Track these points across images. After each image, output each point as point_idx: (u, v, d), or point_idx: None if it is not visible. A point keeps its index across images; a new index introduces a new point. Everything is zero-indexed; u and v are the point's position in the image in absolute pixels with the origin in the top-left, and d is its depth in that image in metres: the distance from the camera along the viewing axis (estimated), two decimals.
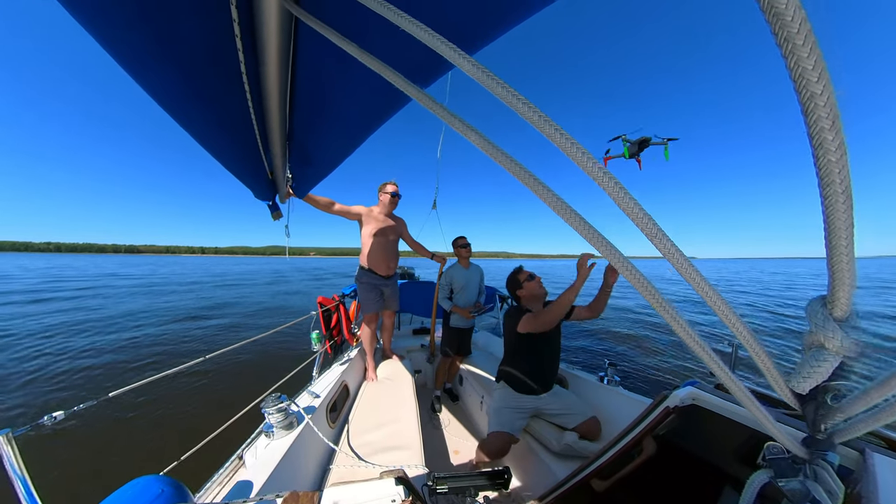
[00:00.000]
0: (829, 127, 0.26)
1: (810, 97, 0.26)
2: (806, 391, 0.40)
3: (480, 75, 0.38)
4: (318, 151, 1.34)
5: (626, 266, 0.36)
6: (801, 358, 0.39)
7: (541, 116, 0.36)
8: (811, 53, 0.25)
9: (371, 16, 0.45)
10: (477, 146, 0.42)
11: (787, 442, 0.46)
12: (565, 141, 0.36)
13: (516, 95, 0.37)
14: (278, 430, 1.30)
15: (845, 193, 0.28)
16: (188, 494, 0.68)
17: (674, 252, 0.35)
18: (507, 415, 1.74)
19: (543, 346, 1.81)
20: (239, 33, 0.68)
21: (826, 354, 0.36)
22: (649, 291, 0.37)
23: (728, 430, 0.92)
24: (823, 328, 0.35)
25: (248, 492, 1.01)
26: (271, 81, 0.81)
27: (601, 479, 1.19)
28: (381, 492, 0.75)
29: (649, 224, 0.35)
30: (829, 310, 0.35)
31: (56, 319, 9.07)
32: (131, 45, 0.64)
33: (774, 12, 0.25)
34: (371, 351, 2.45)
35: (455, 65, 0.40)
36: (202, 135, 0.96)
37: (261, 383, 1.89)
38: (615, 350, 6.87)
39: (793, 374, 0.40)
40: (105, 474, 2.61)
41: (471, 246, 2.69)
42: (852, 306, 0.34)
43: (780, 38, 0.25)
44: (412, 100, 0.48)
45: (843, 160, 0.27)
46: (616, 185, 0.35)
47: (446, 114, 0.44)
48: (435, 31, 0.41)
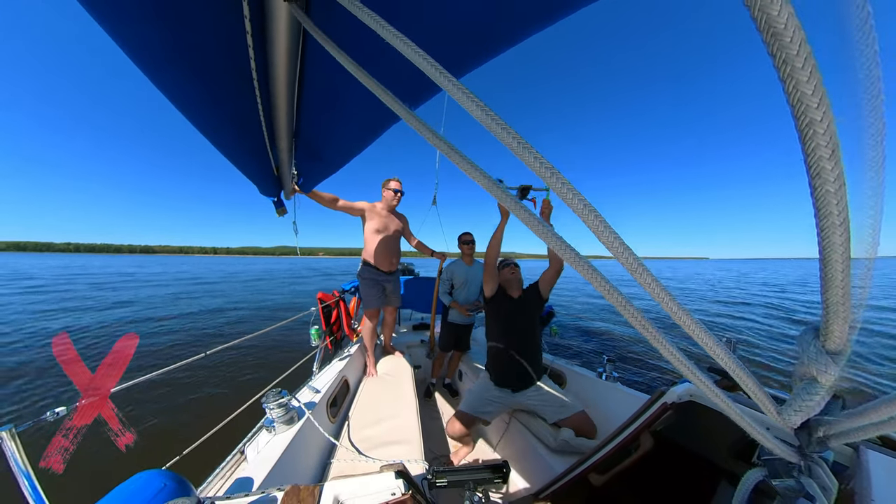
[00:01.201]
0: (829, 156, 0.25)
1: (809, 124, 0.24)
2: (797, 425, 0.39)
3: (464, 99, 0.39)
4: (328, 148, 1.35)
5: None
6: (793, 390, 0.38)
7: (520, 143, 0.36)
8: (811, 77, 0.24)
9: (372, 37, 0.46)
10: (461, 169, 0.43)
11: (780, 451, 0.46)
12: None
13: (496, 120, 0.37)
14: (279, 425, 1.31)
15: (843, 226, 0.27)
16: (190, 489, 0.68)
17: (647, 279, 0.35)
18: (477, 400, 1.85)
19: (514, 333, 1.85)
20: (250, 31, 0.69)
21: (818, 388, 0.35)
22: (617, 299, 0.36)
23: (725, 426, 0.93)
24: (816, 361, 0.34)
25: (250, 486, 1.02)
26: (280, 79, 0.83)
27: (599, 473, 1.20)
28: (381, 485, 0.75)
29: (607, 233, 0.35)
30: (821, 342, 0.33)
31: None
32: (146, 42, 0.65)
33: (772, 32, 0.23)
34: (371, 346, 2.46)
35: (443, 89, 0.40)
36: (210, 130, 0.97)
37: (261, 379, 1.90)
38: (613, 346, 6.91)
39: (784, 407, 0.39)
40: (108, 469, 2.64)
41: (475, 243, 2.66)
42: (847, 339, 0.32)
43: (778, 61, 0.24)
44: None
45: (841, 191, 0.26)
46: (604, 224, 0.35)
47: (431, 135, 0.45)
48: (428, 55, 0.41)
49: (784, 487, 0.48)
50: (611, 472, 1.19)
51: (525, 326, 1.85)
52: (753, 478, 0.55)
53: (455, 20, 0.78)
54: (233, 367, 5.13)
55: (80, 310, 10.60)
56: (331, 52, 0.56)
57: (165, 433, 3.34)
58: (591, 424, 1.65)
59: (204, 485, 1.03)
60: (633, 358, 6.01)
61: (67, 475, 0.73)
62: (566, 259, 0.37)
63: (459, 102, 0.39)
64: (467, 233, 2.68)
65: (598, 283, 0.36)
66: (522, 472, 1.74)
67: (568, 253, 0.37)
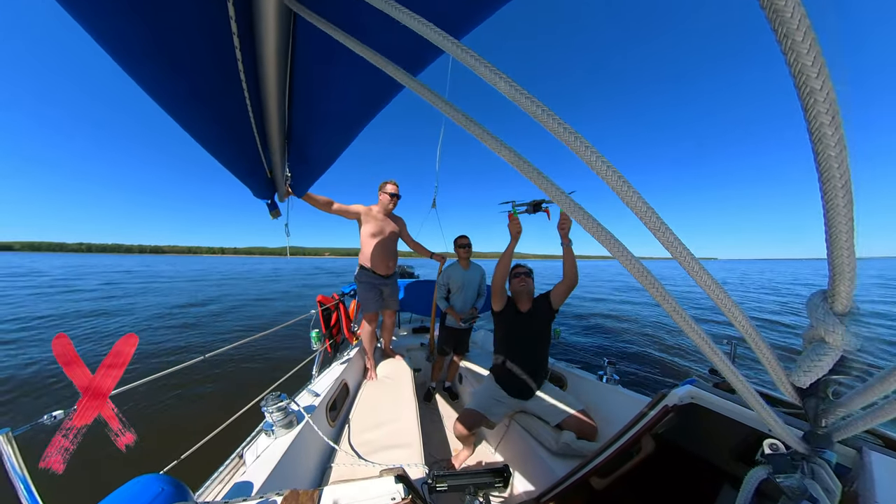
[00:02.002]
0: (829, 122, 0.26)
1: (809, 93, 0.26)
2: (807, 385, 0.40)
3: (478, 65, 0.38)
4: (315, 148, 1.33)
5: (634, 264, 0.36)
6: (801, 352, 0.39)
7: (544, 110, 0.36)
8: (810, 50, 0.25)
9: (367, 7, 0.46)
10: (478, 138, 0.42)
11: (787, 437, 0.46)
12: (568, 135, 0.36)
13: (517, 88, 0.37)
14: (278, 429, 1.30)
15: (845, 188, 0.28)
16: (188, 493, 0.68)
17: (679, 248, 0.35)
18: (485, 399, 1.84)
19: (521, 346, 1.85)
20: (236, 30, 0.68)
21: (827, 349, 0.36)
22: (656, 288, 0.37)
23: (726, 428, 0.93)
24: (824, 322, 0.35)
25: (249, 490, 1.01)
26: (270, 79, 0.81)
27: (600, 477, 1.19)
28: (381, 490, 0.75)
29: (653, 219, 0.35)
30: (829, 304, 0.35)
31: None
32: (126, 41, 0.63)
33: (774, 9, 0.25)
34: (371, 350, 2.44)
35: (444, 50, 0.40)
36: (200, 134, 0.96)
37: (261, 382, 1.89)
38: (614, 349, 6.89)
39: (794, 368, 0.40)
40: (105, 473, 2.62)
41: (471, 247, 2.63)
42: (853, 300, 0.34)
43: (780, 35, 0.26)
44: (404, 88, 0.48)
45: (842, 155, 0.27)
46: (620, 180, 0.35)
47: (443, 104, 0.45)
48: (427, 20, 0.41)
49: (788, 487, 0.48)
50: (612, 476, 1.18)
51: (532, 340, 1.85)
52: (757, 476, 0.54)
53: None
54: (232, 371, 5.11)
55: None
56: (323, 29, 0.55)
57: (163, 437, 3.32)
58: (591, 423, 1.65)
59: (202, 489, 1.02)
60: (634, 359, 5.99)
61: (63, 480, 0.73)
62: (612, 251, 0.38)
63: (462, 61, 0.39)
64: (464, 236, 2.63)
65: (616, 250, 0.37)
66: (523, 476, 1.73)
67: (614, 245, 0.37)
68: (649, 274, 0.36)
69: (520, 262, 2.00)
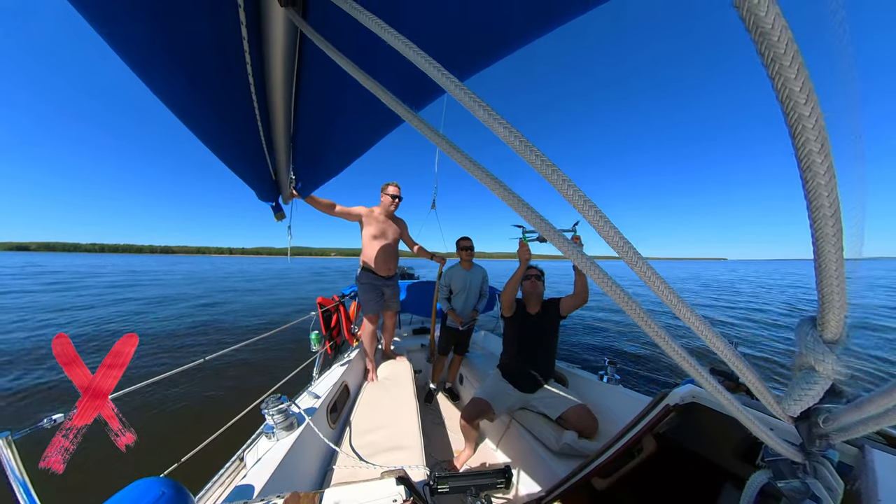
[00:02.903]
0: (818, 150, 0.26)
1: (798, 119, 0.25)
2: (797, 414, 0.39)
3: (466, 99, 0.39)
4: (326, 153, 1.35)
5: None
6: (791, 380, 0.38)
7: (522, 142, 0.37)
8: (798, 75, 0.25)
9: (371, 40, 0.46)
10: (463, 167, 0.43)
11: (783, 449, 0.46)
12: (541, 163, 0.36)
13: (499, 120, 0.38)
14: (279, 432, 1.30)
15: (834, 216, 0.28)
16: (189, 496, 0.68)
17: (645, 269, 0.35)
18: (492, 389, 1.88)
19: (529, 347, 1.88)
20: (246, 36, 0.69)
21: (817, 377, 0.35)
22: (629, 305, 0.37)
23: (728, 427, 0.93)
24: (814, 351, 0.34)
25: (249, 493, 1.00)
26: (276, 84, 0.83)
27: (602, 477, 1.19)
28: (382, 492, 0.74)
29: (613, 235, 0.35)
30: (819, 331, 0.34)
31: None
32: (141, 46, 0.65)
33: (760, 32, 0.24)
34: (371, 351, 2.44)
35: (446, 90, 0.41)
36: (207, 135, 0.97)
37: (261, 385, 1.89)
38: (615, 348, 6.88)
39: (784, 396, 0.39)
40: (105, 477, 2.61)
41: (473, 249, 2.63)
42: (844, 328, 0.33)
43: (767, 59, 0.25)
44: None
45: (832, 183, 0.27)
46: (594, 212, 0.35)
47: (440, 139, 0.45)
48: (430, 57, 0.41)
49: (789, 489, 0.48)
50: (614, 476, 1.18)
51: (539, 341, 1.88)
52: (759, 480, 0.54)
53: (457, 22, 0.78)
54: (232, 373, 5.10)
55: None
56: (330, 56, 0.56)
57: (164, 440, 3.31)
58: (592, 418, 1.66)
59: (203, 492, 1.02)
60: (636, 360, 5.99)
61: (64, 484, 0.73)
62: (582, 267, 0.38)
63: (462, 103, 0.39)
64: (466, 238, 2.62)
65: (602, 281, 0.36)
66: (525, 477, 1.72)
67: (582, 260, 0.37)
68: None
69: (532, 264, 1.98)
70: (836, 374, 0.34)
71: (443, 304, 2.66)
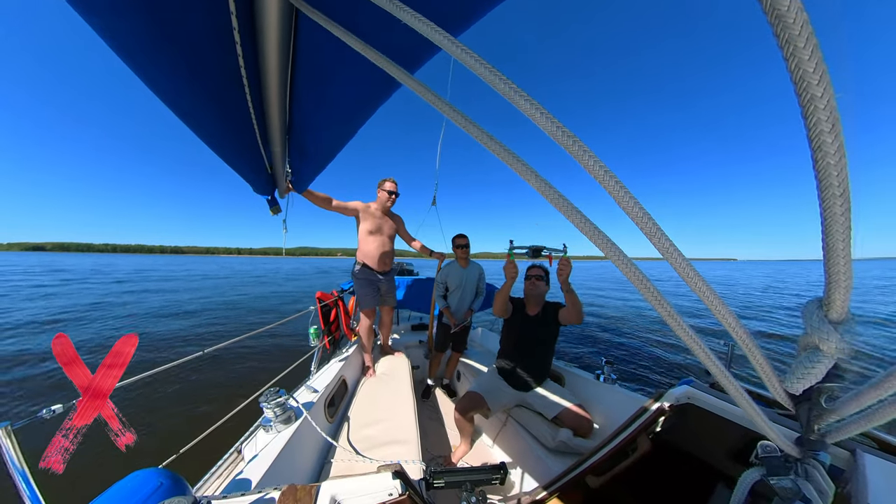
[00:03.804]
0: (829, 130, 0.26)
1: (810, 100, 0.26)
2: (800, 392, 0.40)
3: (477, 65, 0.38)
4: (316, 144, 1.33)
5: (627, 264, 0.36)
6: (795, 359, 0.39)
7: (542, 113, 0.36)
8: (812, 56, 0.25)
9: (366, 4, 0.46)
10: (476, 139, 0.42)
11: (780, 441, 0.47)
12: (566, 138, 0.36)
13: (515, 89, 0.37)
14: (277, 425, 1.31)
15: (843, 196, 0.28)
16: (187, 487, 0.68)
17: (672, 252, 0.35)
18: (487, 384, 1.89)
19: (526, 348, 1.88)
20: (237, 26, 0.67)
21: (820, 356, 0.36)
22: (648, 289, 0.37)
23: (722, 428, 0.93)
24: (818, 330, 0.35)
25: (247, 485, 1.01)
26: (271, 75, 0.81)
27: (596, 475, 1.20)
28: (379, 485, 0.75)
29: (649, 223, 0.35)
30: (824, 311, 0.35)
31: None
32: (132, 37, 0.63)
33: (776, 14, 0.25)
34: (369, 346, 2.46)
35: (441, 48, 0.40)
36: (202, 128, 0.95)
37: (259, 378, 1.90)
38: (612, 348, 6.91)
39: (787, 374, 0.40)
40: (104, 467, 2.62)
41: (469, 247, 2.62)
42: (849, 308, 0.34)
43: (782, 41, 0.25)
44: (403, 86, 0.47)
45: (841, 163, 0.27)
46: (618, 185, 0.34)
47: (442, 103, 0.44)
48: (426, 18, 0.41)
49: (781, 488, 0.48)
50: (608, 474, 1.19)
51: (537, 342, 1.88)
52: (751, 477, 0.55)
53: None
54: (231, 366, 5.12)
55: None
56: (324, 26, 0.54)
57: (162, 431, 3.33)
58: (587, 417, 1.66)
59: (200, 483, 1.03)
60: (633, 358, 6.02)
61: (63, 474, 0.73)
62: (607, 253, 0.37)
63: (460, 60, 0.39)
64: (462, 236, 2.61)
65: (634, 277, 0.37)
66: (520, 473, 1.74)
67: (612, 250, 0.37)
68: (643, 276, 0.36)
69: (536, 263, 1.93)
70: (839, 352, 0.35)
71: (439, 301, 2.67)
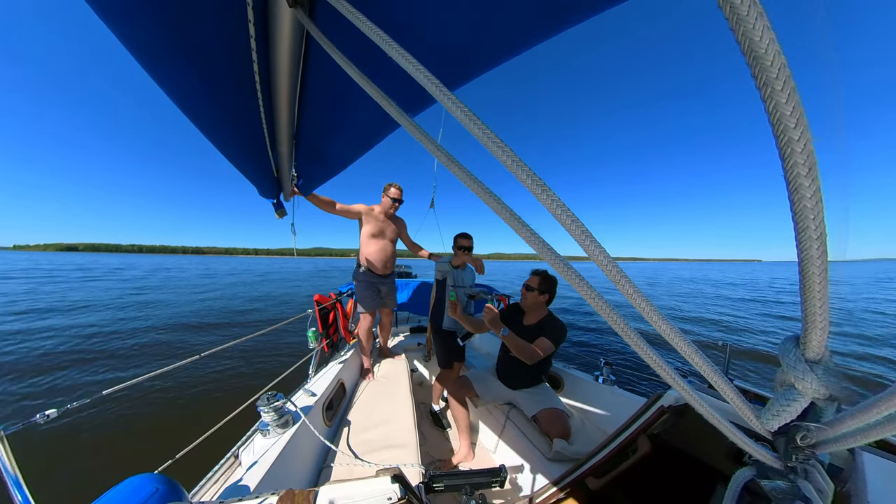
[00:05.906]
0: (806, 174, 0.26)
1: (787, 142, 0.26)
2: (774, 429, 0.40)
3: (458, 113, 0.40)
4: (330, 151, 1.37)
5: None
6: (773, 394, 0.39)
7: (514, 160, 0.38)
8: (789, 100, 0.25)
9: (374, 45, 0.47)
10: (459, 179, 0.45)
11: (760, 455, 0.46)
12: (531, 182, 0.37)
13: (492, 137, 0.39)
14: (274, 429, 1.29)
15: (820, 239, 0.28)
16: (183, 493, 0.67)
17: (615, 272, 0.35)
18: (479, 374, 2.04)
19: (520, 362, 1.81)
20: (254, 34, 0.71)
21: (796, 394, 0.36)
22: (606, 311, 0.38)
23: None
24: (795, 369, 0.35)
25: (244, 490, 1.00)
26: (282, 82, 0.85)
27: (596, 477, 1.20)
28: (377, 490, 0.74)
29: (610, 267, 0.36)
30: (801, 350, 0.35)
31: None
32: (152, 44, 0.66)
33: (754, 56, 0.25)
34: (368, 348, 2.45)
35: (438, 101, 0.42)
36: (211, 131, 0.98)
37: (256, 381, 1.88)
38: (611, 349, 6.91)
39: (763, 411, 0.40)
40: (99, 473, 2.59)
41: (472, 249, 2.35)
42: (826, 347, 0.34)
43: (760, 82, 0.26)
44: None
45: (818, 207, 0.27)
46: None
47: (433, 146, 0.46)
48: (426, 70, 0.42)
49: (774, 489, 0.48)
50: (608, 476, 1.19)
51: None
52: (742, 477, 0.55)
53: (453, 36, 0.81)
54: (228, 369, 5.08)
55: None
56: (334, 58, 0.57)
57: (158, 436, 3.29)
58: (563, 422, 1.64)
59: (197, 489, 1.01)
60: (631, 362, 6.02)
61: (56, 480, 0.72)
62: (552, 263, 0.38)
63: (455, 117, 0.40)
64: (467, 237, 2.34)
65: (584, 291, 0.37)
66: (519, 477, 1.73)
67: (554, 259, 0.38)
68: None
69: (539, 269, 1.87)
70: (815, 392, 0.35)
71: (454, 293, 2.22)
